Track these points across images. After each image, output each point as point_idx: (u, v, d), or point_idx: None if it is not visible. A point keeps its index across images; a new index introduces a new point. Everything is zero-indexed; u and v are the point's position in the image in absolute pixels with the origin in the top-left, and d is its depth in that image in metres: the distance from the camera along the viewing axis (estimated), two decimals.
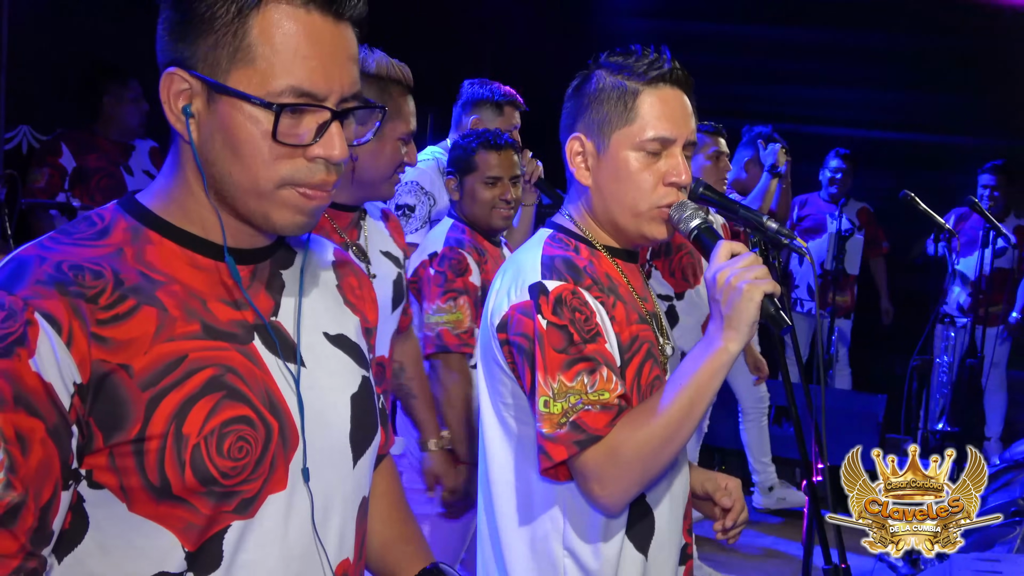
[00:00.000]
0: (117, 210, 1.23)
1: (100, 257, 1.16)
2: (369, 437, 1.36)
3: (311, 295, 1.34)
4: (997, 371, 6.64)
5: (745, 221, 2.13)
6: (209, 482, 1.15)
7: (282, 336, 1.27)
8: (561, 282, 1.76)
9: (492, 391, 1.86)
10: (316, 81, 1.16)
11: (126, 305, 1.13)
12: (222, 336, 1.20)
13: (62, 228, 1.21)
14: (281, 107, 1.14)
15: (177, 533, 1.16)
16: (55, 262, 1.13)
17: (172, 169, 1.24)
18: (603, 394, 1.70)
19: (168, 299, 1.17)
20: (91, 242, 1.18)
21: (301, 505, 1.24)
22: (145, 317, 1.14)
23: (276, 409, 1.21)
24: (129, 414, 1.11)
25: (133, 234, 1.20)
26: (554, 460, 1.70)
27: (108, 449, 1.11)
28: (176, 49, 1.17)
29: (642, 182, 1.81)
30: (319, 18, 1.17)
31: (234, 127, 1.16)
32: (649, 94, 1.80)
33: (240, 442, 1.17)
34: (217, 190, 1.20)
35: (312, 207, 1.21)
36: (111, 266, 1.15)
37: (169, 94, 1.17)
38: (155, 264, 1.19)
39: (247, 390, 1.19)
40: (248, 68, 1.14)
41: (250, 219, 1.22)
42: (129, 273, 1.16)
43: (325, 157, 1.18)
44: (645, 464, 1.69)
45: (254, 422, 1.18)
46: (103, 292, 1.13)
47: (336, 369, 1.34)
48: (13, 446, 1.06)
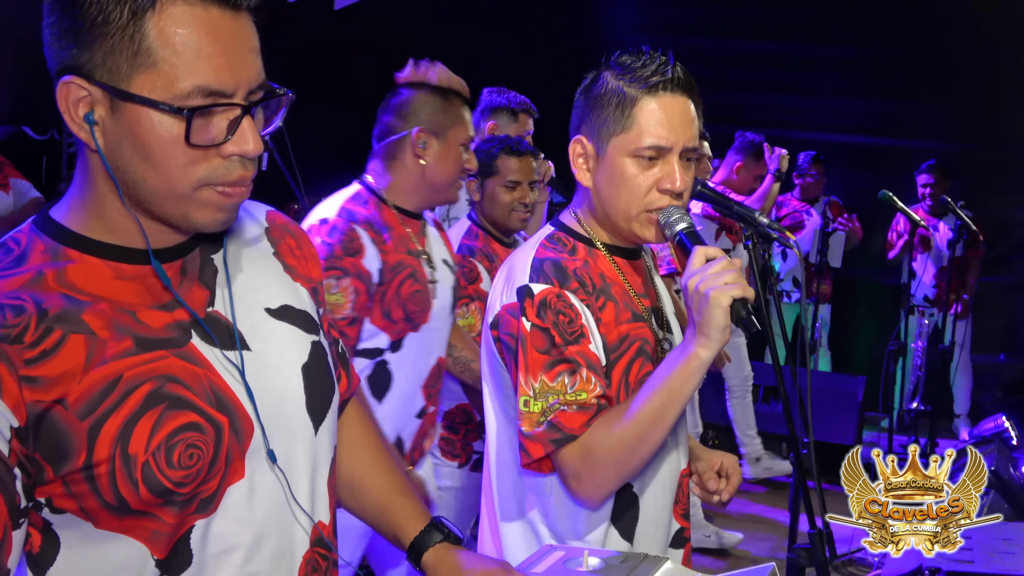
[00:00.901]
0: (33, 231, 1.11)
1: (20, 288, 1.05)
2: (327, 401, 1.28)
3: (245, 273, 1.23)
4: (963, 353, 6.64)
5: (739, 216, 2.11)
6: (165, 494, 1.08)
7: (221, 326, 1.17)
8: (546, 285, 1.69)
9: (495, 384, 1.82)
10: (223, 78, 1.04)
11: (52, 339, 1.03)
12: (156, 345, 1.10)
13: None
14: (192, 111, 1.03)
15: (145, 543, 1.09)
16: None
17: (83, 179, 1.11)
18: (581, 395, 1.64)
19: (95, 320, 1.07)
20: (9, 271, 1.07)
21: (264, 487, 1.18)
22: (73, 347, 1.04)
23: (224, 405, 1.13)
24: (72, 445, 1.03)
25: (52, 255, 1.09)
26: (532, 457, 1.66)
27: (60, 479, 1.04)
28: (70, 56, 1.04)
29: (636, 187, 1.72)
30: (217, 13, 1.04)
31: (143, 134, 1.04)
32: (648, 101, 1.70)
33: (190, 449, 1.09)
34: (132, 195, 1.08)
35: (231, 204, 1.11)
36: (32, 297, 1.04)
37: (68, 103, 1.05)
38: (78, 284, 1.08)
39: (190, 395, 1.10)
40: (151, 72, 1.02)
41: (169, 221, 1.11)
42: (52, 299, 1.05)
43: (240, 154, 1.08)
44: (619, 463, 1.64)
45: (201, 426, 1.10)
46: (27, 328, 1.02)
47: (283, 344, 1.23)
48: None
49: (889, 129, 7.13)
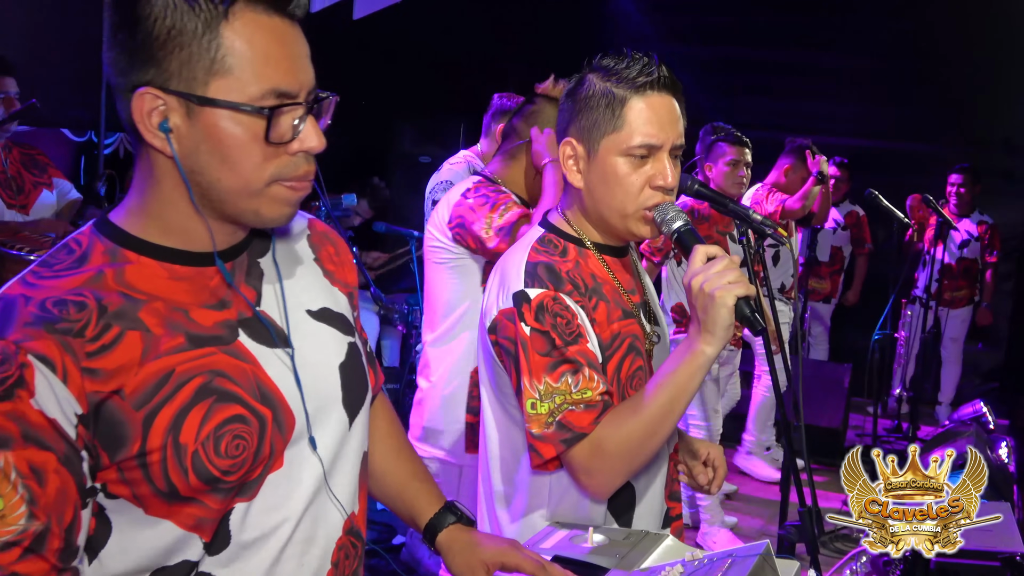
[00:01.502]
0: (94, 233, 1.13)
1: (82, 285, 1.07)
2: (361, 398, 1.29)
3: (290, 277, 1.25)
4: (956, 346, 6.67)
5: (733, 213, 2.10)
6: (212, 481, 1.09)
7: (272, 324, 1.18)
8: (542, 290, 1.64)
9: (492, 385, 1.76)
10: (289, 80, 1.08)
11: (111, 334, 1.05)
12: (207, 342, 1.11)
13: (43, 260, 1.11)
14: (271, 110, 1.06)
15: (192, 527, 1.11)
16: (39, 301, 1.04)
17: (145, 184, 1.13)
18: (586, 392, 1.60)
19: (151, 318, 1.08)
20: (71, 271, 1.09)
21: (302, 476, 1.19)
22: (130, 342, 1.06)
23: (268, 399, 1.14)
24: (128, 433, 1.05)
25: (111, 256, 1.11)
26: (544, 458, 1.62)
27: (115, 465, 1.06)
28: (142, 69, 1.05)
29: (629, 186, 1.67)
30: (279, 21, 1.08)
31: (221, 135, 1.06)
32: (637, 101, 1.65)
33: (236, 440, 1.10)
34: (204, 196, 1.10)
35: (297, 198, 1.14)
36: (93, 294, 1.06)
37: (142, 114, 1.06)
38: (135, 284, 1.09)
39: (237, 389, 1.12)
40: (227, 77, 1.05)
41: (239, 218, 1.13)
42: (111, 297, 1.07)
43: (306, 150, 1.11)
44: (629, 457, 1.61)
45: (247, 418, 1.11)
46: (88, 324, 1.04)
47: (322, 343, 1.25)
48: (30, 480, 1.00)
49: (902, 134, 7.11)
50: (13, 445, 1.00)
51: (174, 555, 1.11)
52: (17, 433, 1.00)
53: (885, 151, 7.12)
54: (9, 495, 1.00)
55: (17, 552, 1.00)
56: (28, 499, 1.00)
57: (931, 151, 7.00)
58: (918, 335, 6.37)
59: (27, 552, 1.01)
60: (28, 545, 1.01)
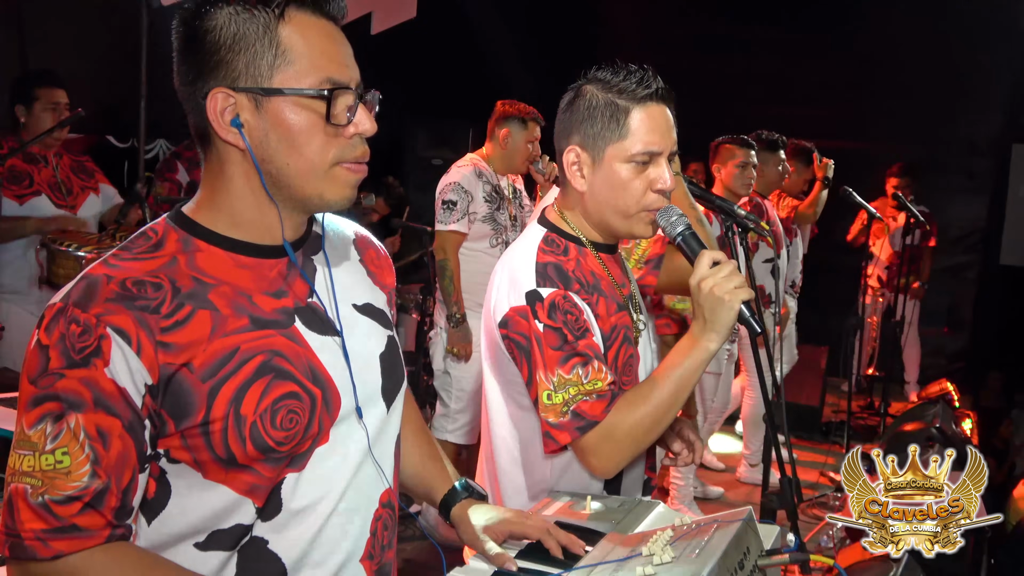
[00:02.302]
0: (168, 223, 1.16)
1: (157, 268, 1.10)
2: (397, 386, 1.31)
3: (339, 274, 1.27)
4: (912, 329, 6.66)
5: (719, 209, 2.09)
6: (268, 451, 1.10)
7: (318, 314, 1.20)
8: (553, 289, 1.65)
9: (498, 374, 1.76)
10: (342, 71, 1.12)
11: (184, 312, 1.08)
12: (267, 325, 1.13)
13: (124, 245, 1.14)
14: (331, 92, 1.10)
15: (246, 492, 1.12)
16: (120, 280, 1.07)
17: (216, 182, 1.15)
18: (596, 383, 1.61)
19: (219, 300, 1.11)
20: (148, 255, 1.11)
21: (346, 452, 1.20)
22: (201, 320, 1.08)
23: (318, 379, 1.16)
24: (194, 403, 1.07)
25: (183, 244, 1.13)
26: (560, 444, 1.62)
27: (179, 433, 1.07)
28: (211, 76, 1.09)
29: (633, 190, 1.67)
30: (326, 22, 1.13)
31: (288, 122, 1.10)
32: (639, 111, 1.66)
33: (290, 414, 1.12)
34: (275, 183, 1.13)
35: (356, 179, 1.16)
36: (168, 276, 1.09)
37: (216, 113, 1.09)
38: (205, 269, 1.12)
39: (292, 368, 1.13)
40: (288, 70, 1.09)
41: (306, 202, 1.15)
42: (184, 280, 1.10)
43: (360, 132, 1.14)
44: (636, 442, 1.62)
45: (300, 395, 1.13)
46: (163, 302, 1.07)
47: (365, 334, 1.26)
48: (96, 442, 1.03)
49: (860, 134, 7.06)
50: (85, 409, 1.02)
51: (229, 518, 1.13)
52: (89, 398, 1.02)
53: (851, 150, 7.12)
54: (76, 454, 1.02)
55: (78, 506, 1.03)
56: (93, 459, 1.03)
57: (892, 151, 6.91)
58: (880, 320, 6.40)
59: (87, 507, 1.03)
60: (88, 501, 1.03)
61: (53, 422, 1.02)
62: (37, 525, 1.02)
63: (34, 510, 1.02)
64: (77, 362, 1.02)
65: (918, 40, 6.73)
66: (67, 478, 1.02)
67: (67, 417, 1.02)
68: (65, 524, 1.02)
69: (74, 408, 1.02)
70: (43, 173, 3.61)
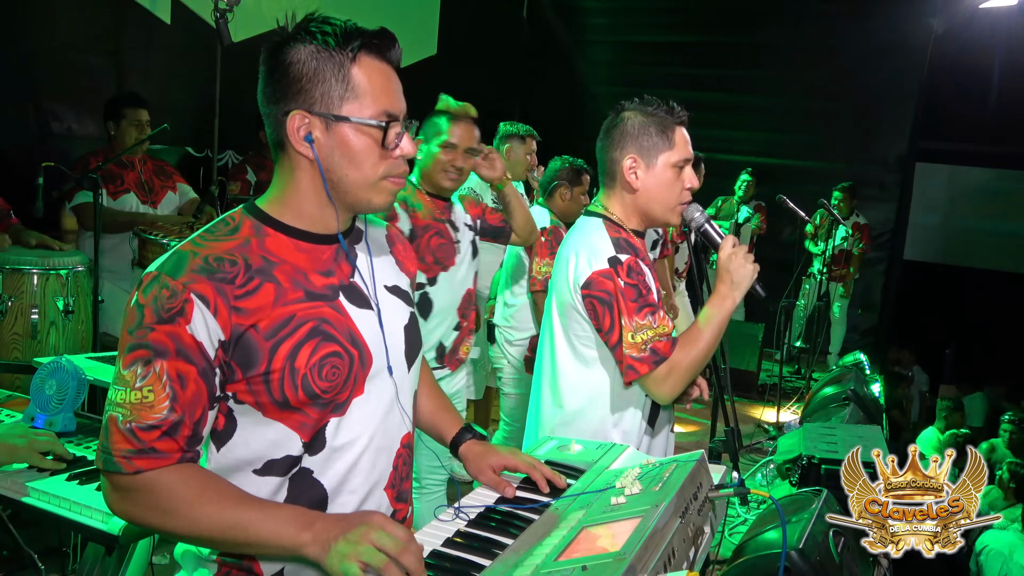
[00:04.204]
0: (244, 212, 1.18)
1: (234, 248, 1.12)
2: (416, 351, 1.32)
3: (375, 260, 1.29)
4: (841, 310, 6.74)
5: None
6: (314, 397, 1.12)
7: (358, 291, 1.22)
8: (628, 255, 1.77)
9: (568, 327, 1.84)
10: (396, 105, 1.14)
11: (253, 284, 1.10)
12: (318, 297, 1.15)
13: (208, 227, 1.16)
14: (387, 124, 1.13)
15: (296, 429, 1.13)
16: (204, 255, 1.09)
17: (287, 182, 1.17)
18: (663, 328, 1.74)
19: (281, 276, 1.13)
20: (227, 238, 1.13)
21: (377, 402, 1.21)
22: (266, 291, 1.10)
23: (356, 343, 1.17)
24: (258, 357, 1.09)
25: (255, 230, 1.15)
26: (640, 374, 1.73)
27: (245, 380, 1.09)
28: (291, 99, 1.11)
29: (678, 188, 1.82)
30: (386, 66, 1.15)
31: (351, 143, 1.12)
32: (678, 129, 1.83)
33: (334, 369, 1.13)
34: (335, 188, 1.15)
35: (397, 189, 1.18)
36: (241, 254, 1.11)
37: (293, 129, 1.12)
38: (272, 250, 1.14)
39: (336, 333, 1.15)
40: (355, 102, 1.11)
41: (356, 205, 1.17)
42: (254, 258, 1.12)
43: (404, 155, 1.16)
44: (692, 371, 1.74)
45: (341, 355, 1.15)
46: (237, 276, 1.09)
47: (393, 310, 1.27)
48: (175, 383, 1.05)
49: (798, 155, 7.10)
50: (168, 356, 1.05)
51: (281, 449, 1.14)
52: (173, 348, 1.05)
53: (788, 167, 7.12)
54: (159, 391, 1.05)
55: (157, 433, 1.06)
56: (172, 397, 1.05)
57: (824, 167, 6.96)
58: (813, 302, 6.42)
59: (164, 435, 1.06)
60: (166, 430, 1.06)
61: (143, 365, 1.05)
62: (124, 446, 1.05)
63: (123, 434, 1.05)
64: (165, 319, 1.05)
65: (840, 77, 6.80)
66: (150, 410, 1.05)
67: (154, 362, 1.05)
68: (146, 447, 1.05)
69: (160, 355, 1.05)
70: (131, 175, 3.62)
